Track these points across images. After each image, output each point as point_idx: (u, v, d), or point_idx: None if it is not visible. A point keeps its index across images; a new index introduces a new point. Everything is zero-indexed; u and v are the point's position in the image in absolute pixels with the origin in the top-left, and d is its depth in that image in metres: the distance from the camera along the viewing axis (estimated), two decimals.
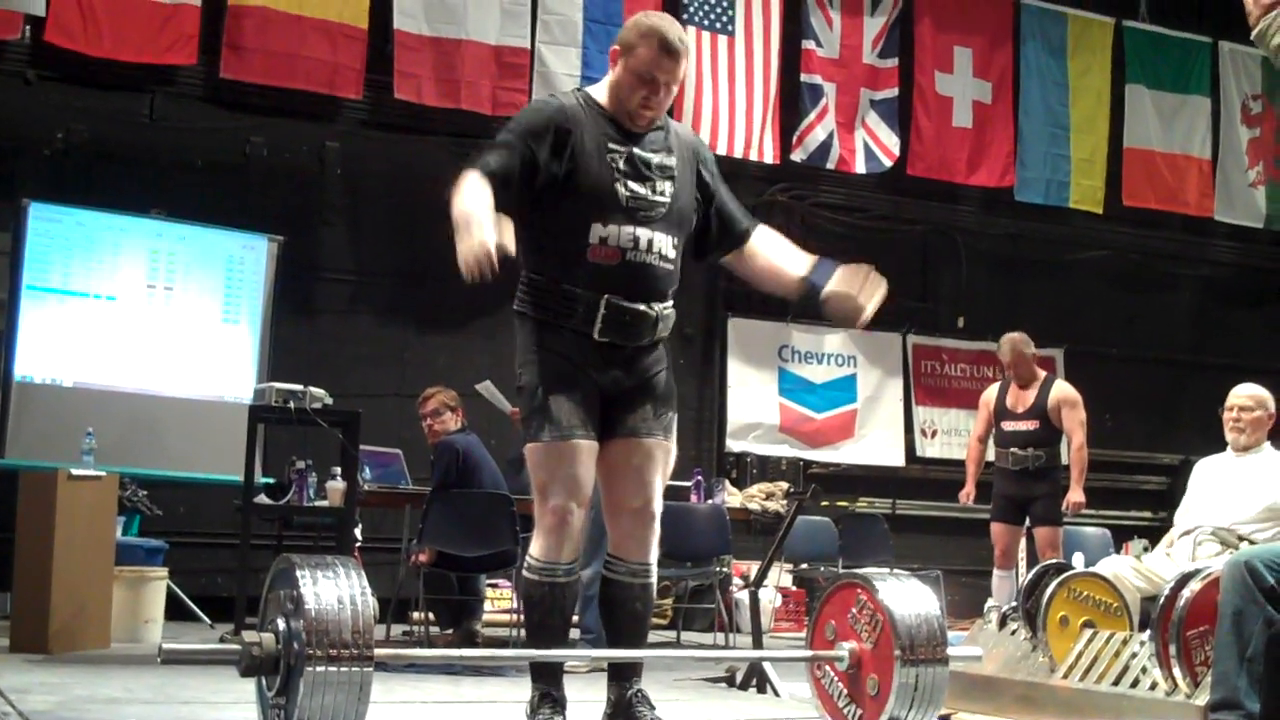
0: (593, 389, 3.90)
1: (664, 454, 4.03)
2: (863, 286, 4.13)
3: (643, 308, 3.91)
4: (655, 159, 3.97)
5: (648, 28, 3.97)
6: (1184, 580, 4.58)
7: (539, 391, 3.82)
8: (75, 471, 6.75)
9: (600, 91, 4.05)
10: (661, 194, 3.95)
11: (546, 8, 10.27)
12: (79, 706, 4.46)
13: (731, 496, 9.92)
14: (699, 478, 8.90)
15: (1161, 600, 4.60)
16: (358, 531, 7.64)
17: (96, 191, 8.84)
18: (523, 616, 4.27)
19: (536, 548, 3.93)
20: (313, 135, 10.06)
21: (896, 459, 11.78)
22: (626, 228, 3.88)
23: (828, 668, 4.27)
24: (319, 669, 3.35)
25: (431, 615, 7.65)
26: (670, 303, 4.01)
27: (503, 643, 7.29)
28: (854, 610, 4.22)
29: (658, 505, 4.06)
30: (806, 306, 11.35)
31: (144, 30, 9.21)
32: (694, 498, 8.72)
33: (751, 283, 4.26)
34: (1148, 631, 4.70)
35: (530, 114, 4.00)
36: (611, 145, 3.92)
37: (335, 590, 3.46)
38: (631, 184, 3.91)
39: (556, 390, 3.84)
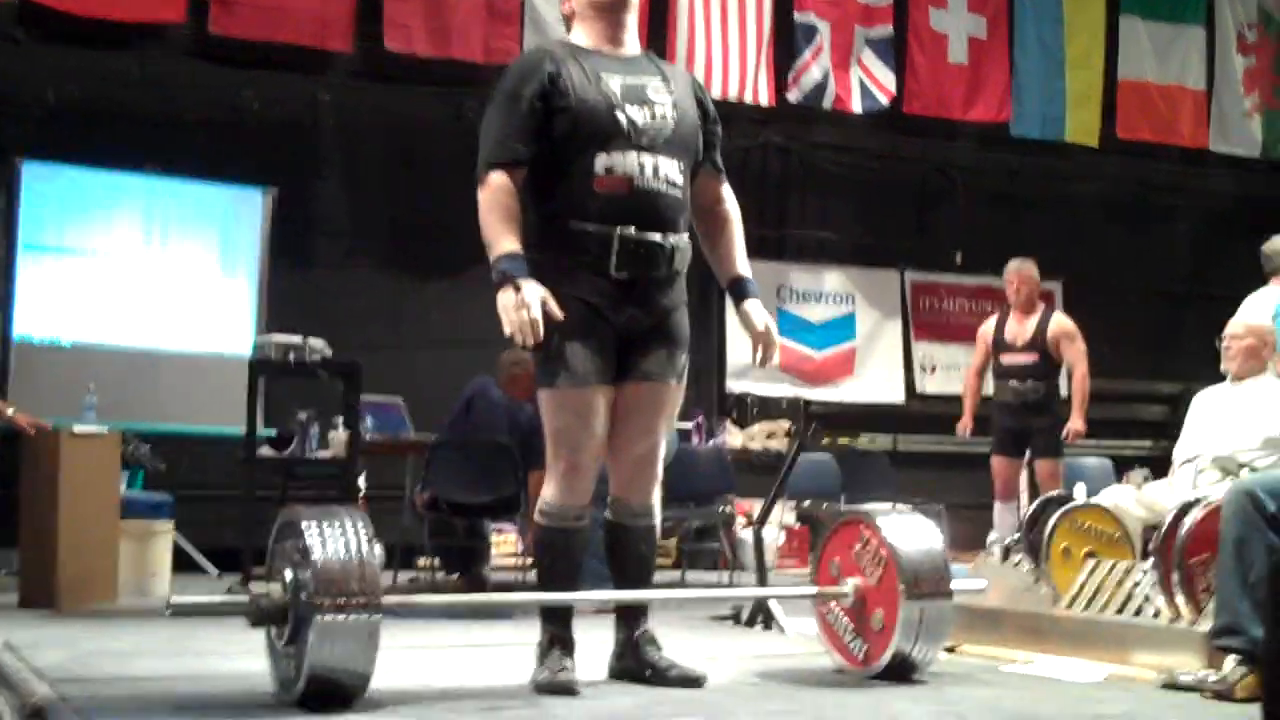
0: (609, 332, 3.88)
1: (674, 398, 4.05)
2: (762, 334, 4.08)
3: (657, 238, 3.88)
4: (651, 83, 3.97)
5: None
6: (1185, 508, 4.62)
7: (555, 337, 3.78)
8: (78, 429, 6.78)
9: (577, 35, 4.07)
10: (662, 118, 3.93)
11: None
12: (90, 660, 4.49)
13: (733, 436, 9.96)
14: (700, 419, 8.93)
15: (1163, 529, 4.63)
16: (361, 481, 7.67)
17: (89, 150, 8.81)
18: (533, 560, 4.30)
19: (549, 493, 3.95)
20: (304, 88, 10.01)
21: (897, 395, 11.80)
22: (631, 154, 3.87)
23: (833, 604, 4.30)
24: (328, 617, 3.39)
25: (438, 561, 7.69)
26: (685, 234, 3.99)
27: (509, 587, 7.33)
28: (858, 546, 4.25)
29: (662, 448, 4.09)
30: (804, 247, 11.35)
31: None
32: (695, 438, 8.76)
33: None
34: (1150, 560, 4.73)
35: (518, 68, 4.00)
36: (604, 75, 3.92)
37: (341, 539, 3.49)
38: (630, 109, 3.89)
39: (573, 336, 3.82)
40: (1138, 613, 4.71)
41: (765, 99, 10.88)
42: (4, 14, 9.17)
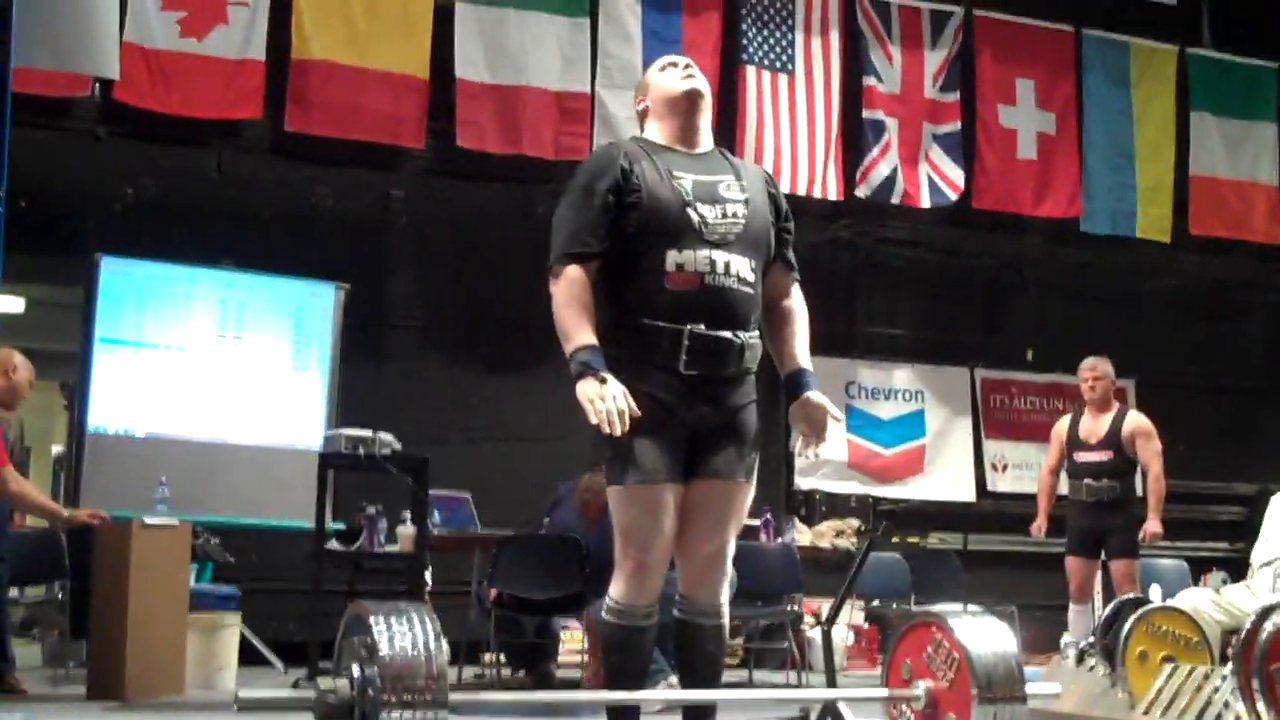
0: (680, 429, 3.86)
1: (744, 496, 4.00)
2: (816, 432, 4.05)
3: (727, 335, 3.86)
4: (724, 181, 3.98)
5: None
6: (1266, 613, 4.51)
7: (627, 434, 3.78)
8: (149, 520, 6.83)
9: (650, 133, 4.10)
10: (734, 216, 3.93)
11: (606, 52, 10.33)
12: None
13: (801, 534, 9.88)
14: (768, 516, 8.87)
15: (1243, 633, 4.53)
16: (428, 575, 7.66)
17: (166, 245, 8.96)
18: (600, 659, 4.26)
19: (616, 590, 3.92)
20: (377, 184, 10.16)
21: (967, 494, 11.68)
22: (702, 251, 3.86)
23: (904, 707, 4.21)
24: (394, 714, 3.35)
25: (503, 657, 7.65)
26: (755, 332, 3.96)
27: (576, 684, 7.26)
28: (929, 649, 4.17)
29: (731, 548, 4.04)
30: (874, 343, 11.34)
31: (211, 86, 9.35)
32: (763, 536, 8.69)
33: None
34: (1229, 666, 4.62)
35: (592, 163, 4.02)
36: (676, 172, 3.93)
37: (408, 635, 3.46)
38: (703, 207, 3.89)
39: (643, 433, 3.78)
40: (1217, 719, 4.60)
41: (834, 194, 10.92)
42: (85, 111, 9.40)
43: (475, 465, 9.03)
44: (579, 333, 3.77)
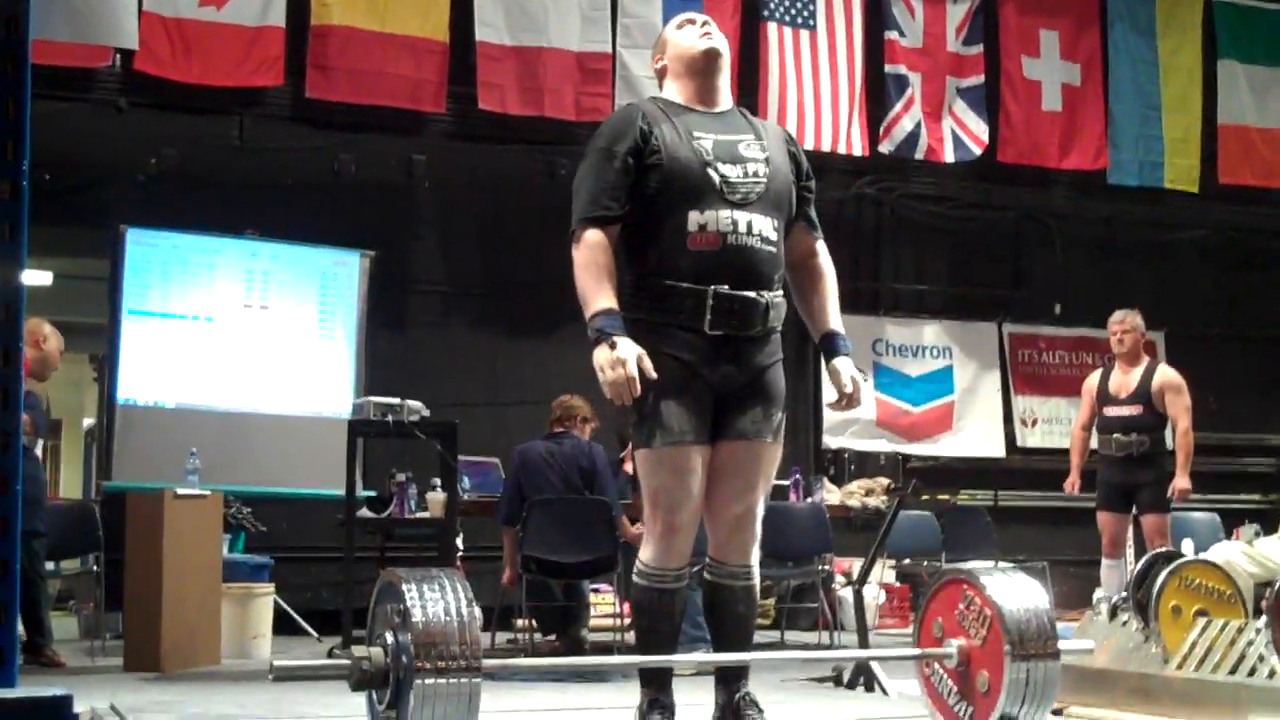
0: (705, 390, 3.84)
1: (772, 457, 3.99)
2: (847, 395, 4.03)
3: (751, 294, 3.84)
4: (744, 140, 3.95)
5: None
6: None
7: (650, 396, 3.75)
8: (181, 491, 6.87)
9: (669, 92, 4.08)
10: (756, 175, 3.91)
11: (626, 11, 10.29)
12: None
13: (830, 494, 9.85)
14: (797, 476, 8.86)
15: (1277, 586, 4.51)
16: (459, 541, 7.69)
17: (190, 215, 8.97)
18: (631, 621, 4.26)
19: (646, 553, 3.91)
20: (400, 149, 10.15)
21: (997, 450, 11.65)
22: (724, 211, 3.83)
23: (937, 665, 4.21)
24: (428, 681, 3.37)
25: (534, 622, 7.68)
26: (779, 291, 3.94)
27: (607, 648, 7.29)
28: (961, 606, 4.16)
29: (761, 508, 4.03)
30: (900, 299, 11.31)
31: (231, 54, 9.37)
32: (793, 496, 8.68)
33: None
34: (1263, 619, 4.60)
35: (611, 125, 3.99)
36: (696, 132, 3.90)
37: (441, 602, 3.48)
38: (724, 167, 3.87)
39: (668, 394, 3.78)
40: (1251, 673, 4.58)
41: (859, 150, 10.87)
42: (106, 81, 9.40)
43: (503, 430, 9.04)
44: (598, 297, 3.76)
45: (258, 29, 9.40)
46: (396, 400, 7.15)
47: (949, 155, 11.15)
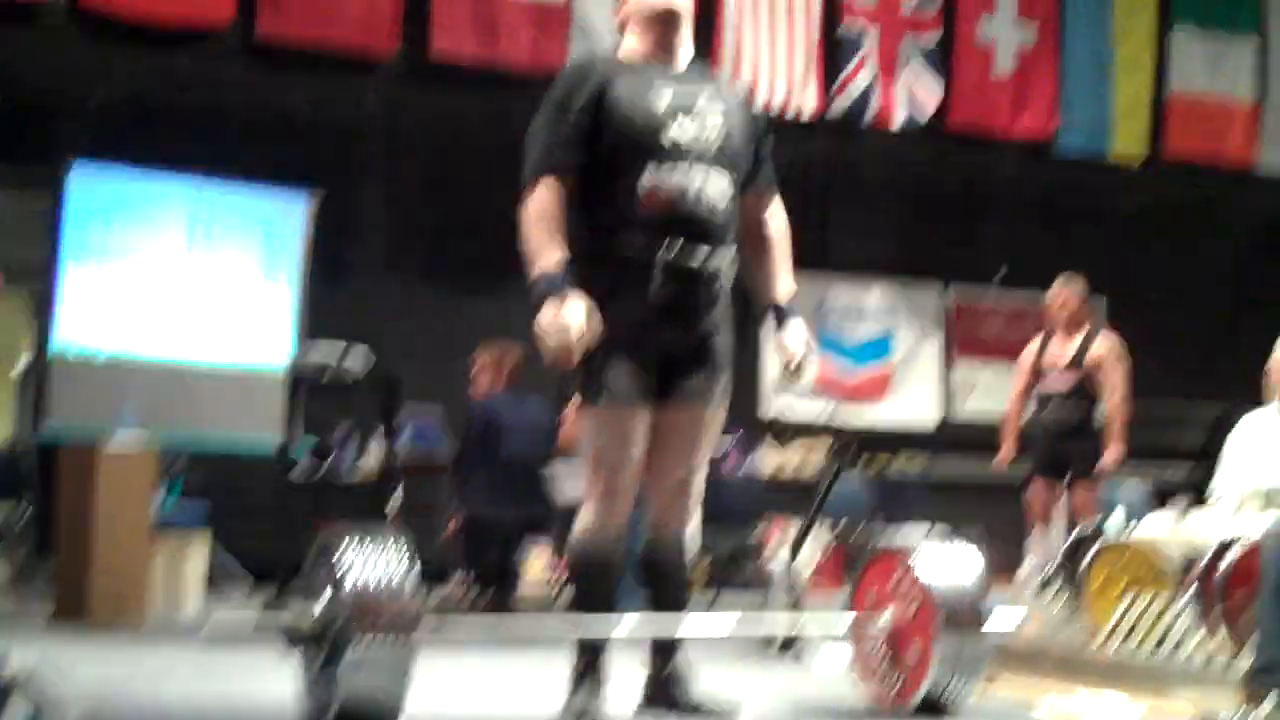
0: (651, 353, 3.85)
1: (715, 421, 4.01)
2: (795, 366, 4.05)
3: (701, 255, 3.85)
4: (702, 96, 3.94)
5: None
6: (1226, 544, 4.57)
7: (596, 355, 3.77)
8: (116, 442, 6.79)
9: (628, 45, 4.06)
10: (711, 133, 3.90)
11: None
12: (122, 683, 4.49)
13: (770, 455, 9.91)
14: (741, 433, 8.87)
15: (1204, 563, 4.59)
16: (399, 494, 7.65)
17: (136, 151, 8.84)
18: (568, 582, 4.28)
19: (585, 516, 3.92)
20: (350, 90, 10.02)
21: (933, 416, 11.73)
22: (677, 169, 3.83)
23: (869, 636, 4.27)
24: (363, 643, 3.39)
25: (472, 575, 7.69)
26: (731, 250, 3.95)
27: (543, 607, 7.31)
28: (895, 577, 4.22)
29: (701, 474, 4.05)
30: (847, 260, 11.23)
31: None
32: (732, 456, 8.70)
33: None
34: (1189, 594, 4.69)
35: (567, 77, 3.97)
36: (653, 89, 3.89)
37: (379, 565, 3.49)
38: (679, 123, 3.86)
39: (615, 355, 3.79)
40: (1177, 648, 4.67)
41: (812, 105, 10.81)
42: (54, 14, 9.23)
43: (448, 379, 8.99)
44: (548, 250, 3.75)
45: None
46: (338, 351, 7.08)
47: (898, 122, 11.11)
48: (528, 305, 3.81)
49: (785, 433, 10.91)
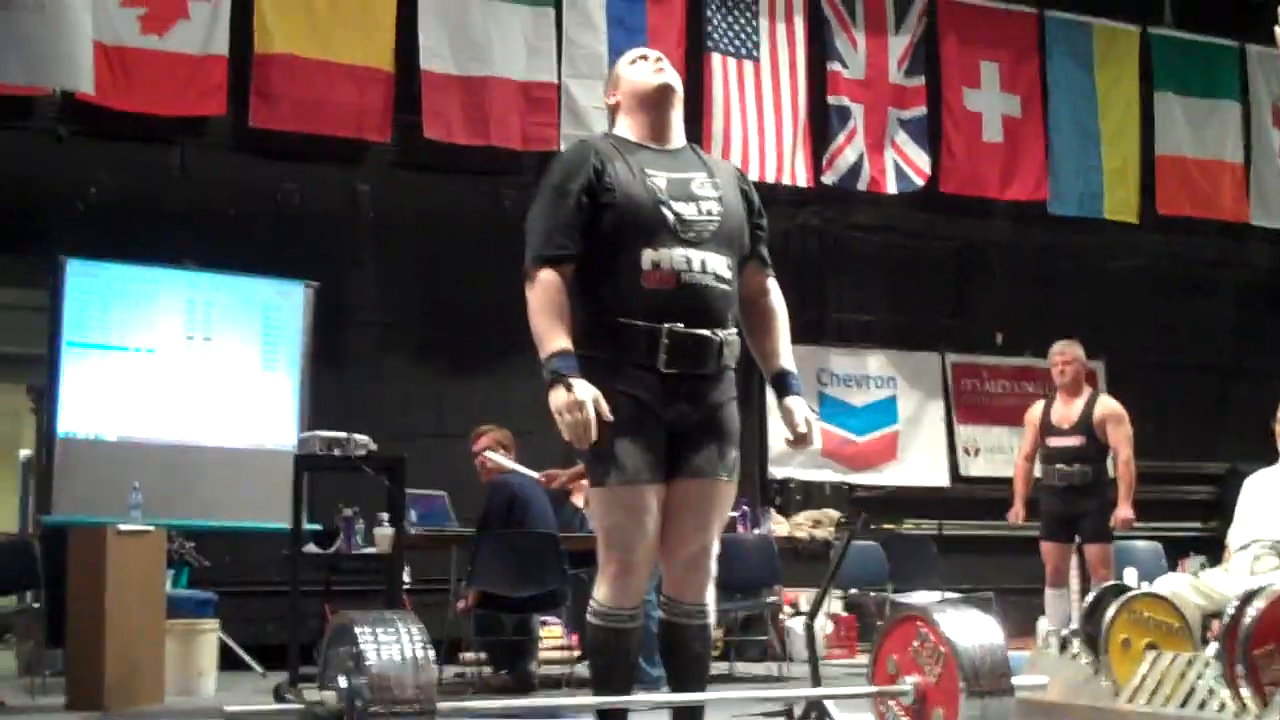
0: (659, 428, 3.83)
1: (727, 494, 3.99)
2: (801, 436, 4.08)
3: (705, 333, 3.84)
4: (696, 178, 3.95)
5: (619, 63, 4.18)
6: (1248, 597, 4.53)
7: (605, 434, 3.75)
8: (124, 527, 6.78)
9: (621, 128, 4.07)
10: (709, 214, 3.91)
11: (571, 41, 10.29)
12: None
13: (778, 524, 9.88)
14: (745, 507, 8.87)
15: (1226, 619, 4.54)
16: (405, 574, 7.62)
17: (131, 245, 8.86)
18: (587, 661, 4.24)
19: (601, 593, 3.89)
20: (343, 179, 10.09)
21: (941, 479, 11.71)
22: (678, 250, 3.83)
23: (891, 703, 4.21)
24: None
25: (484, 655, 7.63)
26: (734, 329, 3.95)
27: (557, 682, 7.25)
28: (915, 643, 4.16)
29: (715, 546, 4.02)
30: (844, 330, 11.30)
31: (173, 83, 9.26)
32: (741, 527, 8.68)
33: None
34: (1211, 650, 4.64)
35: (564, 162, 3.98)
36: (649, 170, 3.90)
37: (395, 645, 3.44)
38: (677, 205, 3.87)
39: (623, 433, 3.77)
40: (1202, 706, 4.62)
41: (803, 180, 10.92)
42: (46, 110, 9.29)
43: (448, 461, 8.97)
44: (553, 338, 3.75)
45: (200, 58, 9.30)
46: (343, 434, 7.06)
47: (891, 186, 11.23)
48: (523, 385, 3.81)
49: (791, 499, 10.89)
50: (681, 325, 3.81)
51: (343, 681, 3.48)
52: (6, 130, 9.05)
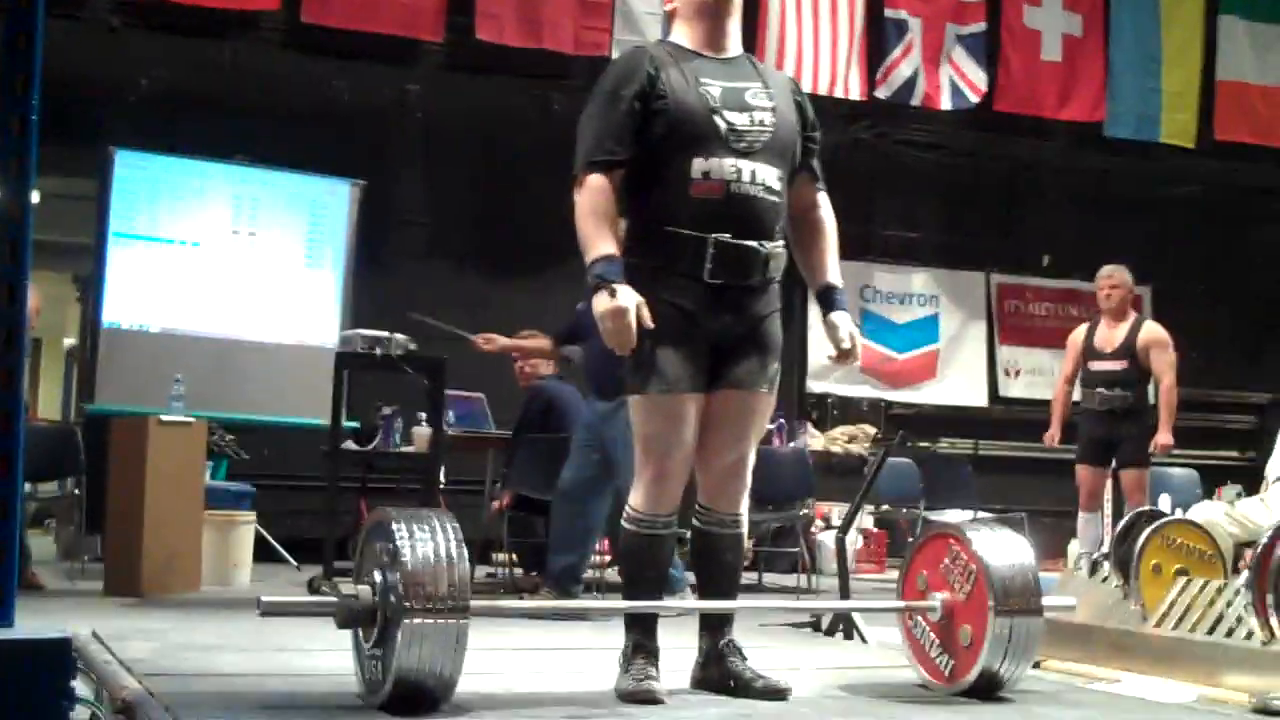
0: (702, 339, 3.84)
1: (765, 407, 4.00)
2: (845, 352, 4.06)
3: (752, 244, 3.83)
4: (751, 88, 3.92)
5: None
6: None
7: (647, 343, 3.74)
8: (165, 418, 6.85)
9: (678, 35, 4.03)
10: (761, 124, 3.88)
11: None
12: (176, 654, 4.52)
13: (814, 439, 9.89)
14: (781, 420, 8.89)
15: (1259, 549, 4.53)
16: (441, 473, 7.68)
17: (180, 138, 8.90)
18: (618, 565, 4.28)
19: (636, 499, 3.92)
20: (394, 79, 10.05)
21: (979, 399, 11.70)
22: (728, 160, 3.81)
23: (919, 618, 4.24)
24: (416, 621, 3.38)
25: (515, 557, 7.70)
26: (780, 241, 3.93)
27: (587, 585, 7.32)
28: (946, 561, 4.18)
29: (752, 457, 4.04)
30: (889, 246, 11.26)
31: None
32: (776, 440, 8.71)
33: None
34: (1242, 579, 4.63)
35: (618, 68, 3.96)
36: (703, 79, 3.87)
37: (431, 543, 3.49)
38: (729, 114, 3.84)
39: (665, 342, 3.77)
40: (1229, 633, 4.62)
41: (856, 94, 10.81)
42: (100, 1, 9.28)
43: (488, 365, 9.01)
44: (599, 242, 3.75)
45: None
46: (385, 334, 7.10)
47: (946, 103, 11.10)
48: (568, 291, 3.81)
49: (828, 414, 10.91)
50: (729, 236, 3.80)
51: (378, 576, 3.53)
52: (59, 20, 9.01)
